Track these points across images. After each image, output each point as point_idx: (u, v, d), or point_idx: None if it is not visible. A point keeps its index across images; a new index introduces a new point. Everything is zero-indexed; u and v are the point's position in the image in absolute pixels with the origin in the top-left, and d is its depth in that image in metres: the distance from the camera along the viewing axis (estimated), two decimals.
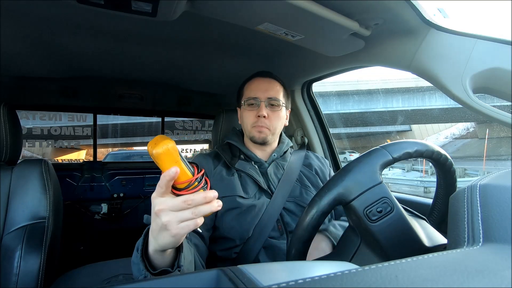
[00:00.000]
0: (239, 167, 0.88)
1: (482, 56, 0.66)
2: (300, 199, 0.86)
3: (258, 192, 0.85)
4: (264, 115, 0.86)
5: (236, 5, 0.69)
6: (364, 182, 0.52)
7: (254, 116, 0.88)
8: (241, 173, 0.87)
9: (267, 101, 0.88)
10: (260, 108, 0.87)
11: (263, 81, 0.91)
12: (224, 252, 0.80)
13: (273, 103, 0.89)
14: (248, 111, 0.90)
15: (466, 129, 21.31)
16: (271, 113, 0.88)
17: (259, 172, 0.88)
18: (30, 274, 0.90)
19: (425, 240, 0.52)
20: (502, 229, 0.32)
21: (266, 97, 0.88)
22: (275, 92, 0.90)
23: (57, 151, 6.45)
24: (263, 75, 0.93)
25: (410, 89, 16.24)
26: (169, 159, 0.43)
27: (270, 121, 0.88)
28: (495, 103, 0.72)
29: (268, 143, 0.91)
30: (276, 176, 0.90)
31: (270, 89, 0.89)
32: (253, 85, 0.92)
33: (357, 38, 0.84)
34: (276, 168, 0.92)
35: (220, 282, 0.31)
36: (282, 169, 0.92)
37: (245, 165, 0.88)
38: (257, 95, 0.88)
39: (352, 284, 0.23)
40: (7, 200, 0.97)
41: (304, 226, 0.52)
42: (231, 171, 0.88)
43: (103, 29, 0.95)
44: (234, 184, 0.84)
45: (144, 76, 1.51)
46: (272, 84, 0.91)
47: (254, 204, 0.81)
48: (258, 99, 0.88)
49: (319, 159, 1.03)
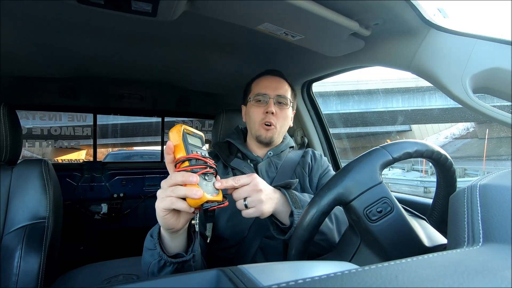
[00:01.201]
0: (234, 165, 0.88)
1: (482, 56, 0.66)
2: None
3: None
4: (272, 111, 0.86)
5: (236, 5, 0.69)
6: (364, 182, 0.52)
7: (262, 112, 0.88)
8: (236, 171, 0.87)
9: (276, 99, 0.88)
10: (268, 105, 0.87)
11: (273, 79, 0.92)
12: (221, 252, 0.80)
13: (282, 101, 0.89)
14: (256, 107, 0.90)
15: (466, 129, 21.31)
16: (279, 111, 0.88)
17: (253, 171, 0.88)
18: (30, 274, 0.90)
19: (425, 240, 0.52)
20: (502, 229, 0.32)
21: (276, 94, 0.88)
22: (284, 90, 0.90)
23: (57, 151, 6.44)
24: (273, 73, 0.94)
25: (410, 89, 16.24)
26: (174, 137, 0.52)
27: (278, 118, 0.88)
28: (495, 103, 0.72)
29: (274, 143, 0.91)
30: (267, 173, 0.88)
31: (280, 87, 0.90)
32: (262, 82, 0.92)
33: (357, 38, 0.84)
34: (269, 165, 0.90)
35: (220, 282, 0.31)
36: (275, 168, 0.90)
37: (240, 163, 0.88)
38: (266, 91, 0.89)
39: (352, 284, 0.23)
40: (7, 200, 0.97)
41: (304, 226, 0.52)
42: (227, 169, 0.88)
43: (103, 29, 0.95)
44: None
45: (144, 76, 1.51)
46: (281, 83, 0.91)
47: None
48: (267, 95, 0.88)
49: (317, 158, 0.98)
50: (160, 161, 2.26)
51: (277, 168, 0.90)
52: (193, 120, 2.64)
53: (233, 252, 0.79)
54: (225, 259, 0.80)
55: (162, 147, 2.26)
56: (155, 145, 7.61)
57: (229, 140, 0.96)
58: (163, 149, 2.26)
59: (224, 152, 0.92)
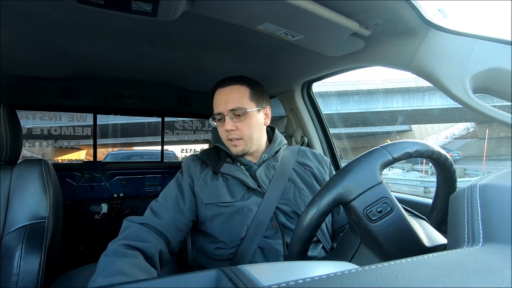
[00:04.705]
0: (225, 171, 0.85)
1: (482, 56, 0.66)
2: (294, 203, 0.83)
3: (247, 193, 0.83)
4: (229, 129, 0.84)
5: (236, 5, 0.69)
6: (364, 182, 0.52)
7: (224, 131, 0.86)
8: (227, 176, 0.85)
9: (230, 113, 0.84)
10: (226, 123, 0.84)
11: (222, 92, 0.86)
12: (219, 251, 0.80)
13: (237, 113, 0.84)
14: (219, 127, 0.88)
15: (466, 129, 21.29)
16: (239, 124, 0.84)
17: (246, 173, 0.85)
18: (30, 274, 0.90)
19: (425, 240, 0.52)
20: (502, 229, 0.32)
21: (228, 110, 0.84)
22: (236, 100, 0.84)
23: (57, 151, 6.44)
24: (222, 84, 0.87)
25: (410, 89, 16.22)
26: None
27: (241, 131, 0.85)
28: (495, 103, 0.72)
29: (249, 152, 0.89)
30: (267, 177, 0.86)
31: (230, 100, 0.84)
32: (215, 99, 0.88)
33: (357, 38, 0.84)
34: (267, 169, 0.88)
35: (220, 282, 0.31)
36: (273, 169, 0.88)
37: (231, 168, 0.86)
38: (219, 109, 0.85)
39: (352, 284, 0.23)
40: (7, 200, 0.97)
41: (304, 226, 0.52)
42: (216, 175, 0.87)
43: (103, 29, 0.95)
44: (217, 189, 0.82)
45: (144, 76, 1.51)
46: (232, 93, 0.85)
47: (242, 206, 0.80)
48: (222, 114, 0.85)
49: (318, 158, 0.98)
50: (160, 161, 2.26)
51: (275, 168, 0.89)
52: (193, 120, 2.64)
53: (232, 253, 0.79)
54: (225, 259, 0.80)
55: (162, 147, 2.26)
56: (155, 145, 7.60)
57: (218, 145, 0.94)
58: (163, 149, 2.26)
59: (212, 159, 0.90)
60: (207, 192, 0.83)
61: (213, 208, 0.81)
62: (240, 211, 0.80)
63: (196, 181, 0.86)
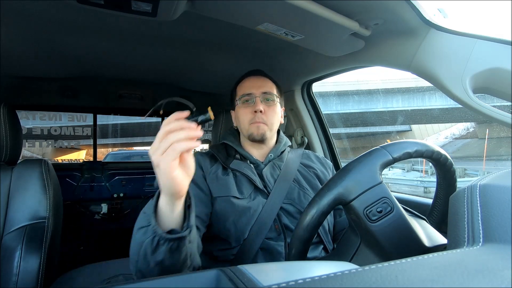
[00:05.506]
0: (234, 167, 0.87)
1: (482, 56, 0.66)
2: (298, 203, 0.84)
3: (254, 192, 0.84)
4: (260, 109, 0.86)
5: (236, 5, 0.69)
6: (364, 182, 0.52)
7: (250, 112, 0.88)
8: (236, 172, 0.86)
9: (262, 96, 0.89)
10: (256, 103, 0.87)
11: (256, 79, 0.92)
12: (221, 252, 0.80)
13: (269, 97, 0.89)
14: (243, 109, 0.90)
15: (466, 129, 21.30)
16: (267, 108, 0.88)
17: (255, 172, 0.87)
18: (30, 274, 0.90)
19: (425, 240, 0.52)
20: (502, 229, 0.32)
21: (261, 92, 0.89)
22: (269, 87, 0.91)
23: (57, 151, 6.45)
24: (255, 73, 0.94)
25: (410, 89, 16.23)
26: None
27: (267, 116, 0.88)
28: (495, 103, 0.72)
29: (267, 139, 0.91)
30: (272, 177, 0.88)
31: (264, 85, 0.90)
32: (246, 83, 0.92)
33: (357, 38, 0.84)
34: (273, 168, 0.90)
35: (220, 282, 0.31)
36: (279, 169, 0.90)
37: (240, 165, 0.87)
38: (251, 91, 0.89)
39: (352, 284, 0.23)
40: (7, 200, 0.97)
41: (304, 226, 0.52)
42: (226, 170, 0.88)
43: (103, 29, 0.95)
44: (228, 184, 0.83)
45: (144, 76, 1.51)
46: (265, 81, 0.92)
47: (249, 206, 0.80)
48: (253, 94, 0.88)
49: (321, 161, 1.00)
50: None
51: (281, 168, 0.90)
52: None
53: (234, 254, 0.79)
54: (226, 260, 0.80)
55: None
56: None
57: (226, 142, 0.95)
58: None
59: (222, 154, 0.91)
60: (218, 186, 0.83)
61: (222, 203, 0.81)
62: (246, 211, 0.80)
63: (207, 175, 0.87)
